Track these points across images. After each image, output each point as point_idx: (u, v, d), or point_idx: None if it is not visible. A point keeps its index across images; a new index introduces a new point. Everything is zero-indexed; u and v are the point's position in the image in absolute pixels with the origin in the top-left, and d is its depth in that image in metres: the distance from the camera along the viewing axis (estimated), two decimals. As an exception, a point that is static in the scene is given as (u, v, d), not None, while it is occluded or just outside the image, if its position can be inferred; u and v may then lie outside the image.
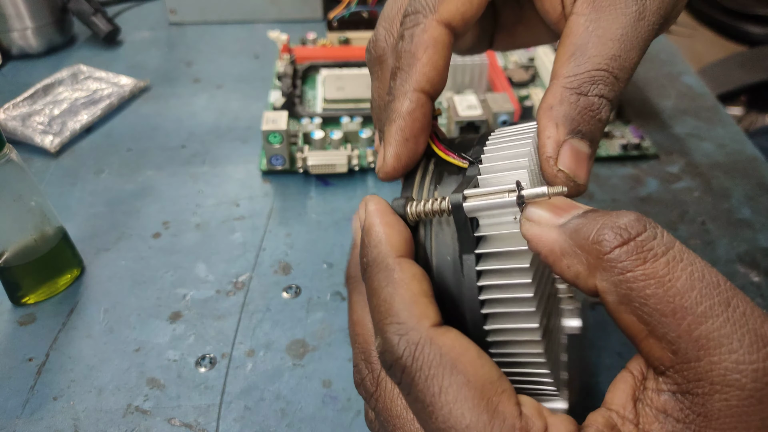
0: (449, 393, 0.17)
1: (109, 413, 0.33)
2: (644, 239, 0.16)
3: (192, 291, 0.40)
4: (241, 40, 0.71)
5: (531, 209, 0.19)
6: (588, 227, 0.17)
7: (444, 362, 0.18)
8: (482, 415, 0.17)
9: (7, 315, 0.38)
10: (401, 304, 0.19)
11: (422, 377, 0.18)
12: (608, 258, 0.16)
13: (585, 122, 0.21)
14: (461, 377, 0.17)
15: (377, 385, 0.20)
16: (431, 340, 0.18)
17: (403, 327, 0.18)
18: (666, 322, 0.15)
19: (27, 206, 0.37)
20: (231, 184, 0.49)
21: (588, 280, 0.17)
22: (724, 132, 0.55)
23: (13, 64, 0.66)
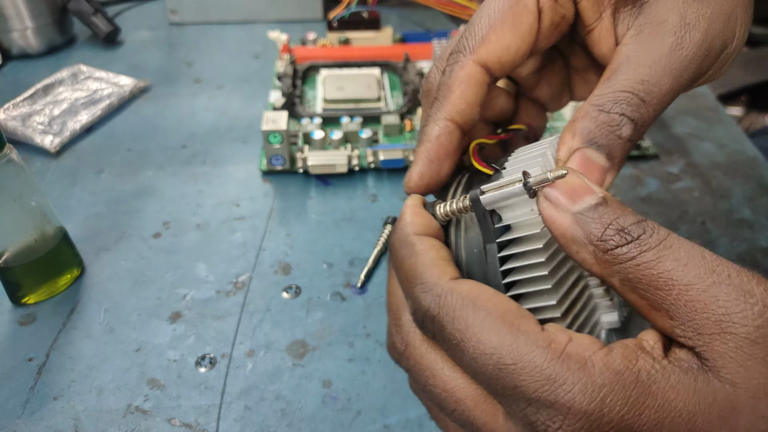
0: (475, 326, 0.20)
1: (110, 413, 0.33)
2: (641, 240, 0.19)
3: (192, 291, 0.40)
4: (241, 40, 0.71)
5: (548, 190, 0.21)
6: (597, 226, 0.20)
7: (465, 303, 0.20)
8: (507, 336, 0.19)
9: (7, 315, 0.38)
10: (423, 268, 0.22)
11: (449, 320, 0.20)
12: (612, 253, 0.19)
13: (602, 135, 0.23)
14: (483, 311, 0.20)
15: (406, 344, 0.23)
16: (452, 290, 0.21)
17: (426, 285, 0.21)
18: (660, 295, 0.19)
19: (27, 206, 0.37)
20: (231, 184, 0.49)
21: (593, 267, 0.20)
22: (724, 132, 0.55)
23: (13, 64, 0.66)
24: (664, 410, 0.18)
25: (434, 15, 0.68)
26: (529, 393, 0.18)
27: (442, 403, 0.22)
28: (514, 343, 0.19)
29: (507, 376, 0.19)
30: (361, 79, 0.57)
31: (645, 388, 0.18)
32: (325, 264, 0.42)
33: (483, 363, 0.19)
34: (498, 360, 0.19)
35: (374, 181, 0.49)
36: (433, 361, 0.22)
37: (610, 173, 0.23)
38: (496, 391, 0.20)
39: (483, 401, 0.21)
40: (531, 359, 0.19)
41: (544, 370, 0.18)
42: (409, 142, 0.52)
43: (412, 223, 0.23)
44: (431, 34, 0.66)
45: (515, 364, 0.19)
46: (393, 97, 0.58)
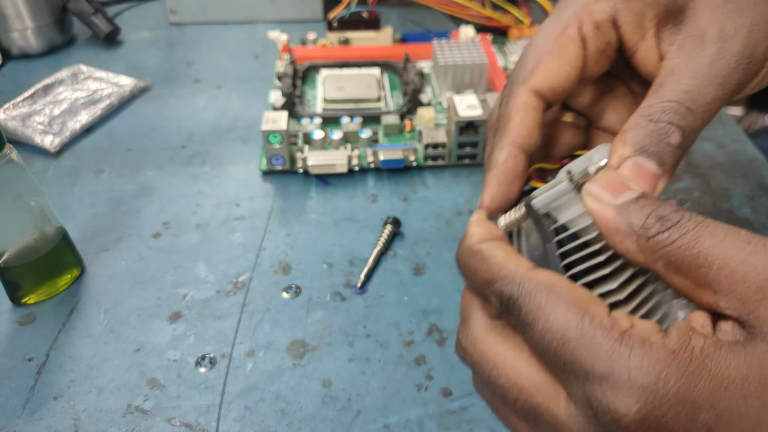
0: (547, 306, 0.21)
1: (109, 413, 0.33)
2: (680, 224, 0.21)
3: (192, 291, 0.40)
4: (241, 40, 0.71)
5: (590, 185, 0.23)
6: (640, 215, 0.22)
7: (541, 288, 0.22)
8: (574, 316, 0.21)
9: (7, 315, 0.38)
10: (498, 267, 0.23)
11: (526, 302, 0.22)
12: (654, 239, 0.21)
13: (652, 143, 0.24)
14: (555, 295, 0.22)
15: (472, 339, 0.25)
16: (530, 277, 0.23)
17: (507, 278, 0.23)
18: (702, 272, 0.20)
19: (27, 206, 0.37)
20: (231, 184, 0.49)
21: (637, 255, 0.22)
22: (724, 132, 0.55)
23: (13, 64, 0.66)
24: (717, 379, 0.19)
25: (434, 15, 0.68)
26: (588, 368, 0.20)
27: (505, 393, 0.23)
28: (580, 322, 0.21)
29: (569, 351, 0.20)
30: (361, 79, 0.57)
31: (699, 362, 0.19)
32: (325, 264, 0.42)
33: (549, 339, 0.21)
34: (563, 335, 0.21)
35: (374, 181, 0.49)
36: (497, 353, 0.23)
37: (662, 180, 0.25)
38: (559, 367, 0.21)
39: (546, 387, 0.22)
40: (593, 336, 0.20)
41: (603, 347, 0.20)
42: (408, 142, 0.52)
43: (475, 234, 0.25)
44: (431, 34, 0.66)
45: (578, 340, 0.20)
46: (393, 97, 0.58)
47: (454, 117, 0.47)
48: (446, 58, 0.55)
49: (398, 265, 0.42)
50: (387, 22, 0.68)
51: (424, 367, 0.35)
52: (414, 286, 0.40)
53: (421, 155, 0.50)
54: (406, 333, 0.37)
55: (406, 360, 0.36)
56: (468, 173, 0.50)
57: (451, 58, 0.55)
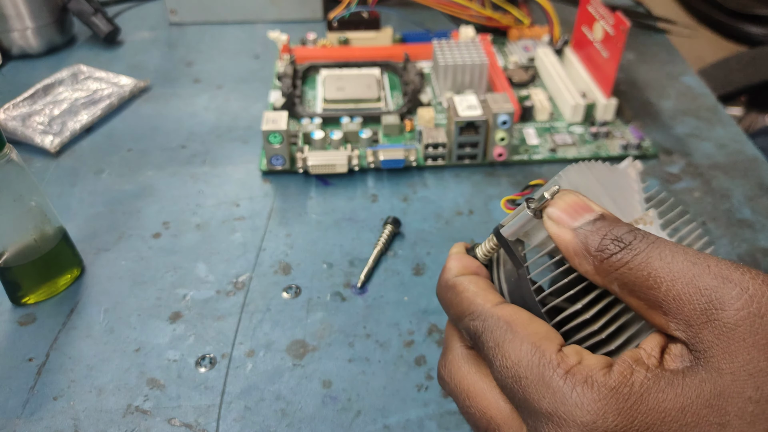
0: (504, 343, 0.23)
1: (109, 413, 0.33)
2: (632, 245, 0.21)
3: (192, 291, 0.40)
4: (241, 40, 0.71)
5: (550, 209, 0.23)
6: (596, 237, 0.22)
7: (501, 324, 0.23)
8: (527, 353, 0.22)
9: (7, 315, 0.38)
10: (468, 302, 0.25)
11: (488, 338, 0.23)
12: (609, 261, 0.21)
13: None
14: (512, 332, 0.23)
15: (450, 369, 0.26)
16: (492, 313, 0.24)
17: (474, 314, 0.25)
18: (652, 293, 0.20)
19: (27, 206, 0.37)
20: (231, 184, 0.49)
21: (594, 276, 0.22)
22: (724, 132, 0.55)
23: (13, 64, 0.66)
24: (654, 413, 0.19)
25: (434, 15, 0.68)
26: (535, 405, 0.21)
27: (477, 422, 0.24)
28: (531, 359, 0.22)
29: (521, 388, 0.21)
30: (361, 79, 0.57)
31: (637, 397, 0.19)
32: (325, 264, 0.42)
33: (505, 375, 0.22)
34: (515, 373, 0.22)
35: (374, 181, 0.49)
36: (470, 383, 0.25)
37: None
38: (516, 402, 0.22)
39: (511, 419, 0.23)
40: (541, 375, 0.21)
41: (550, 385, 0.21)
42: (408, 142, 0.52)
43: (451, 268, 0.27)
44: (431, 34, 0.66)
45: (527, 378, 0.21)
46: (393, 97, 0.58)
47: (454, 117, 0.47)
48: (446, 58, 0.55)
49: (398, 265, 0.42)
50: (387, 22, 0.68)
51: (424, 367, 0.35)
52: (414, 286, 0.40)
53: (421, 155, 0.50)
54: (406, 333, 0.37)
55: (406, 360, 0.36)
56: (468, 173, 0.50)
57: (451, 58, 0.55)
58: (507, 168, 0.50)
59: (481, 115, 0.47)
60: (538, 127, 0.54)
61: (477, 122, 0.47)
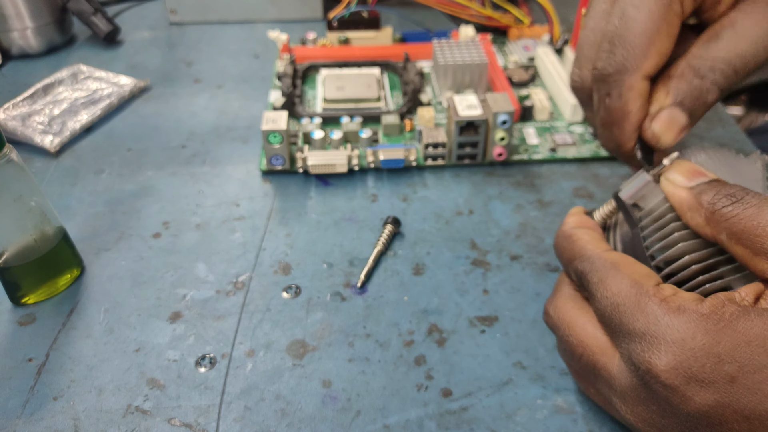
0: (607, 279, 0.26)
1: (109, 413, 0.33)
2: (745, 200, 0.23)
3: (192, 291, 0.40)
4: (241, 40, 0.71)
5: (669, 172, 0.26)
6: (710, 193, 0.24)
7: (607, 265, 0.26)
8: (626, 286, 0.25)
9: (7, 315, 0.38)
10: (579, 248, 0.28)
11: (593, 276, 0.26)
12: (720, 212, 0.23)
13: (691, 99, 0.27)
14: (616, 270, 0.26)
15: (555, 304, 0.29)
16: (599, 255, 0.27)
17: (584, 257, 0.28)
18: (759, 241, 0.22)
19: (27, 206, 0.37)
20: (231, 184, 0.49)
21: (705, 227, 0.24)
22: (724, 132, 0.55)
23: (13, 64, 0.66)
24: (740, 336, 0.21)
25: (434, 15, 0.68)
26: (631, 328, 0.23)
27: (573, 351, 0.27)
28: (629, 290, 0.24)
29: (618, 314, 0.24)
30: (361, 78, 0.57)
31: (725, 323, 0.21)
32: (325, 264, 0.42)
33: (604, 304, 0.25)
34: (614, 301, 0.24)
35: (374, 181, 0.49)
36: (572, 317, 0.27)
37: (686, 130, 0.28)
38: (612, 329, 0.25)
39: (606, 348, 0.26)
40: (637, 302, 0.24)
41: (645, 310, 0.23)
42: (408, 142, 0.52)
43: (569, 222, 0.30)
44: (431, 33, 0.66)
45: (625, 305, 0.24)
46: (393, 97, 0.58)
47: (454, 117, 0.47)
48: (446, 58, 0.55)
49: (398, 265, 0.42)
50: (387, 22, 0.68)
51: (424, 367, 0.35)
52: (414, 286, 0.40)
53: (421, 155, 0.50)
54: (406, 333, 0.37)
55: (406, 360, 0.36)
56: (468, 173, 0.50)
57: (451, 58, 0.55)
58: (507, 168, 0.50)
59: (481, 115, 0.47)
60: (538, 127, 0.54)
61: (477, 122, 0.47)
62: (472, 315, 0.38)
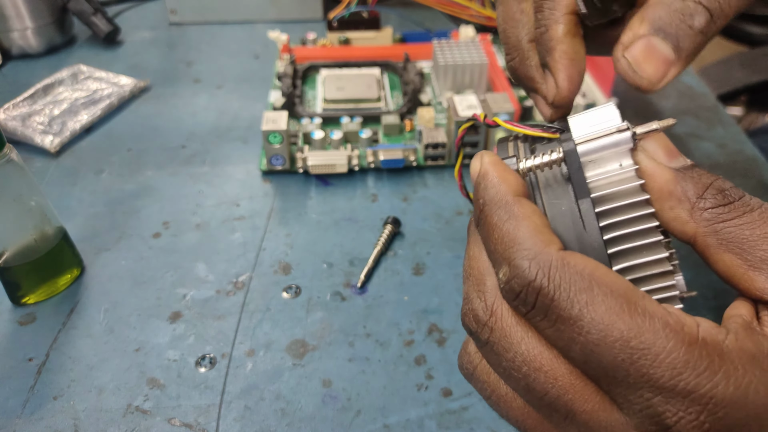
0: (595, 304, 0.18)
1: (109, 413, 0.33)
2: (744, 201, 0.19)
3: (192, 291, 0.40)
4: (241, 40, 0.71)
5: (647, 143, 0.21)
6: (698, 184, 0.20)
7: (583, 277, 0.18)
8: (634, 319, 0.17)
9: (7, 315, 0.38)
10: (526, 234, 0.19)
11: (563, 295, 0.18)
12: (713, 211, 0.19)
13: (672, 24, 0.22)
14: (604, 288, 0.18)
15: (491, 312, 0.20)
16: (564, 262, 0.18)
17: (530, 252, 0.19)
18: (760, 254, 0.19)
19: (27, 206, 0.37)
20: (231, 184, 0.49)
21: (686, 225, 0.20)
22: (724, 132, 0.55)
23: (13, 64, 0.66)
24: None
25: (434, 15, 0.68)
26: (661, 381, 0.17)
27: (530, 384, 0.19)
28: (643, 326, 0.17)
29: (635, 362, 0.17)
30: (361, 79, 0.57)
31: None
32: (325, 264, 0.42)
33: (606, 348, 0.17)
34: (625, 345, 0.17)
35: (374, 181, 0.49)
36: (523, 336, 0.20)
37: (675, 67, 0.22)
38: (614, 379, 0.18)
39: (583, 386, 0.19)
40: (665, 345, 0.17)
41: (680, 356, 0.17)
42: (408, 142, 0.52)
43: (506, 182, 0.21)
44: (431, 34, 0.66)
45: (647, 349, 0.17)
46: (393, 97, 0.58)
47: (454, 117, 0.47)
48: (446, 58, 0.55)
49: (398, 265, 0.42)
50: (387, 22, 0.68)
51: (424, 367, 0.35)
52: (414, 286, 0.40)
53: (421, 155, 0.50)
54: (406, 333, 0.37)
55: (406, 360, 0.36)
56: (468, 173, 0.50)
57: (451, 58, 0.55)
58: (507, 168, 0.50)
59: (481, 115, 0.47)
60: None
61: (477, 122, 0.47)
62: (472, 315, 0.38)
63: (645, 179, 0.20)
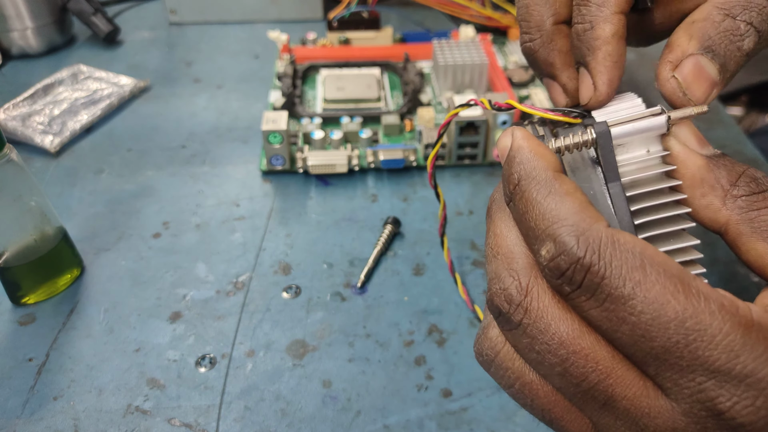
0: (648, 284, 0.17)
1: (109, 413, 0.33)
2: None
3: (192, 291, 0.40)
4: (241, 40, 0.71)
5: (679, 130, 0.21)
6: (731, 172, 0.20)
7: (635, 256, 0.17)
8: (690, 300, 0.17)
9: (7, 315, 0.38)
10: (571, 210, 0.18)
11: (615, 273, 0.17)
12: (747, 199, 0.19)
13: (722, 44, 0.21)
14: (657, 267, 0.17)
15: (526, 292, 0.19)
16: (613, 237, 0.18)
17: (579, 228, 0.18)
18: None
19: (27, 206, 0.37)
20: (231, 184, 0.49)
21: (719, 212, 0.20)
22: (725, 132, 0.55)
23: (13, 64, 0.66)
24: None
25: (434, 15, 0.68)
26: (716, 365, 0.16)
27: (568, 369, 0.18)
28: (699, 307, 0.16)
29: (690, 344, 0.16)
30: (361, 79, 0.57)
31: None
32: (325, 264, 0.42)
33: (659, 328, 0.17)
34: (680, 326, 0.16)
35: (374, 181, 0.49)
36: (562, 317, 0.18)
37: (717, 88, 0.21)
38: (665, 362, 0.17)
39: (625, 372, 0.18)
40: (721, 327, 0.16)
41: (736, 339, 0.16)
42: (408, 142, 0.52)
43: (544, 157, 0.20)
44: (431, 34, 0.66)
45: (703, 330, 0.16)
46: (393, 97, 0.58)
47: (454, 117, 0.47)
48: (446, 58, 0.55)
49: (398, 265, 0.42)
50: (387, 22, 0.68)
51: (424, 367, 0.35)
52: (414, 286, 0.40)
53: (421, 155, 0.50)
54: (406, 333, 0.37)
55: (406, 360, 0.36)
56: (468, 173, 0.50)
57: (451, 58, 0.55)
58: (507, 168, 0.50)
59: (481, 115, 0.47)
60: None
61: (477, 122, 0.47)
62: (472, 315, 0.38)
63: (677, 165, 0.20)
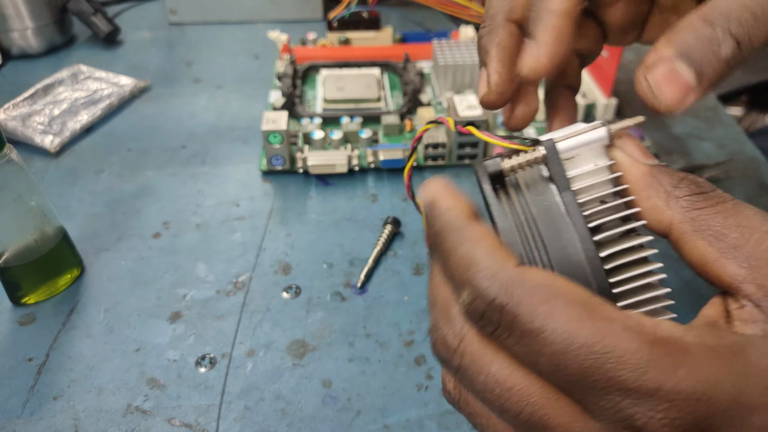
0: (556, 315, 0.18)
1: (109, 413, 0.33)
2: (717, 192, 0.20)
3: (192, 291, 0.40)
4: (241, 40, 0.71)
5: (624, 141, 0.22)
6: (673, 176, 0.21)
7: (542, 290, 0.18)
8: (596, 324, 0.17)
9: (7, 315, 0.38)
10: (482, 254, 0.19)
11: (525, 309, 0.18)
12: (689, 199, 0.20)
13: (698, 50, 0.22)
14: (562, 298, 0.18)
15: (461, 338, 0.20)
16: (523, 277, 0.18)
17: (489, 271, 0.19)
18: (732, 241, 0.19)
19: (27, 206, 0.37)
20: (231, 184, 0.49)
21: (663, 213, 0.21)
22: (724, 132, 0.55)
23: (13, 64, 0.66)
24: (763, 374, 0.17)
25: (434, 15, 0.68)
26: (627, 383, 0.17)
27: (504, 405, 0.19)
28: (605, 330, 0.17)
29: (601, 367, 0.17)
30: (361, 79, 0.57)
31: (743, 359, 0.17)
32: (325, 264, 0.42)
33: (572, 356, 0.17)
34: (590, 351, 0.17)
35: (374, 181, 0.49)
36: (493, 358, 0.20)
37: (694, 93, 0.22)
38: (583, 386, 0.18)
39: (556, 399, 0.19)
40: (628, 347, 0.17)
41: (643, 357, 0.17)
42: (408, 142, 0.52)
43: (456, 207, 0.21)
44: (431, 34, 0.66)
45: (611, 353, 0.17)
46: (393, 97, 0.58)
47: (454, 117, 0.47)
48: (446, 58, 0.55)
49: (398, 265, 0.42)
50: (387, 22, 0.68)
51: (424, 367, 0.35)
52: (414, 286, 0.40)
53: (421, 155, 0.50)
54: (406, 333, 0.37)
55: (406, 360, 0.36)
56: (468, 173, 0.50)
57: (451, 58, 0.55)
58: (507, 168, 0.50)
59: (481, 115, 0.47)
60: (538, 127, 0.54)
61: (477, 122, 0.47)
62: (472, 315, 0.38)
63: (622, 172, 0.22)
